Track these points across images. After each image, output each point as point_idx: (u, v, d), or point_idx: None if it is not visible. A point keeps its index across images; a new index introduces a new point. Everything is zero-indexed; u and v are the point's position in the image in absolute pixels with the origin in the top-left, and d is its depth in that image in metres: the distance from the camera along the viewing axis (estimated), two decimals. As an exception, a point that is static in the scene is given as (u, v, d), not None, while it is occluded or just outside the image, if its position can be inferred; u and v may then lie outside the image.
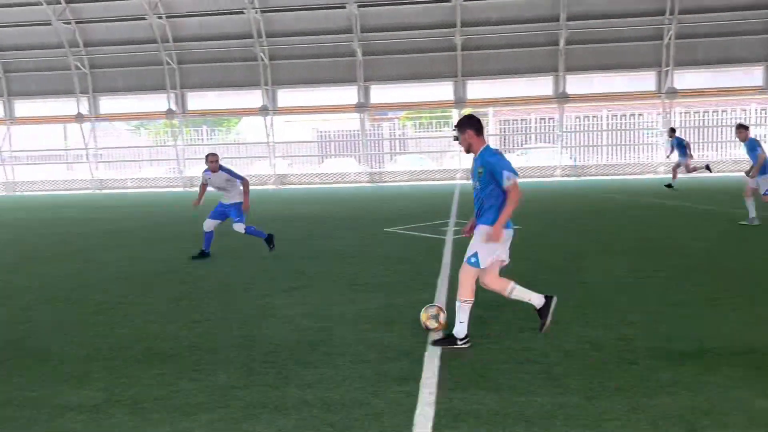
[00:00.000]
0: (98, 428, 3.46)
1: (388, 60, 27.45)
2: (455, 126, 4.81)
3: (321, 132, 36.48)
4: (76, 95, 27.91)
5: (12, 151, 29.21)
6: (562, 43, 26.42)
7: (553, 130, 30.02)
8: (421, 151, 32.77)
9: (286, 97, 28.75)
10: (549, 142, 31.18)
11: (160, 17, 26.32)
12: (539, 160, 30.85)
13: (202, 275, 7.90)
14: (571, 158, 29.22)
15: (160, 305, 6.31)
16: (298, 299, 6.34)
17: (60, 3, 25.98)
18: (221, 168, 8.88)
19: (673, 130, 19.31)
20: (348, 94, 28.31)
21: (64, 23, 26.52)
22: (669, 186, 18.61)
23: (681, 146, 18.42)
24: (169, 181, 29.43)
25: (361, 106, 28.06)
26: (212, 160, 8.82)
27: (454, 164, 29.73)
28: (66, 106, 28.54)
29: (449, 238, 10.18)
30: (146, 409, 3.70)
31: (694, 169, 18.67)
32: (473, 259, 4.59)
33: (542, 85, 27.86)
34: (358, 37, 26.74)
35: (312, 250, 9.69)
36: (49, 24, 26.38)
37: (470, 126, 4.64)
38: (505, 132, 33.74)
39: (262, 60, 27.20)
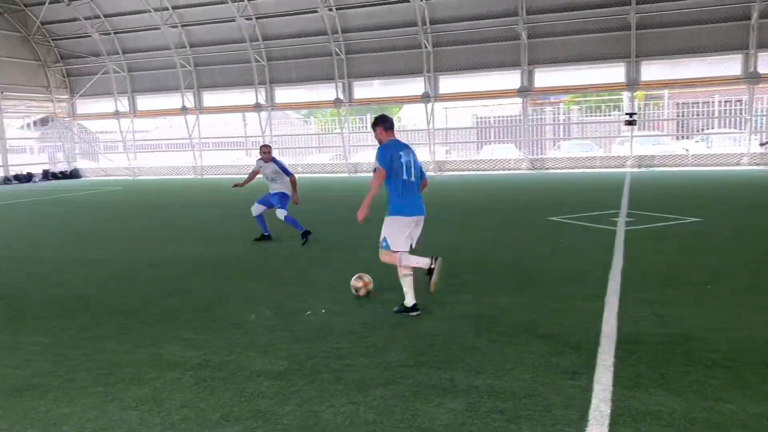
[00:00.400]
0: (283, 394, 3.76)
1: (554, 42, 26.42)
2: (372, 125, 5.52)
3: (480, 118, 36.08)
4: (255, 86, 30.15)
5: (201, 138, 32.33)
6: (754, 16, 23.68)
7: (741, 114, 27.09)
8: (587, 137, 31.21)
9: (448, 83, 28.84)
10: (735, 127, 28.21)
11: (330, 9, 27.56)
12: (724, 146, 28.05)
13: (369, 258, 8.19)
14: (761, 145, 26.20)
15: (333, 282, 6.66)
16: (462, 287, 6.36)
17: (243, 0, 28.15)
18: (273, 159, 9.64)
19: None
20: (510, 79, 27.71)
21: (246, 19, 28.69)
22: None
23: None
24: (334, 167, 30.89)
25: (525, 91, 27.33)
26: (265, 151, 9.70)
27: (624, 151, 27.95)
28: (245, 96, 30.96)
29: (620, 230, 9.62)
30: (324, 380, 3.94)
31: None
32: (384, 243, 5.34)
33: (728, 65, 25.21)
34: (524, 20, 26.02)
35: (473, 238, 9.67)
36: (233, 21, 28.71)
37: (379, 124, 5.46)
38: (683, 116, 31.07)
39: (426, 47, 27.47)
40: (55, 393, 3.90)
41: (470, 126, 35.67)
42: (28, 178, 26.26)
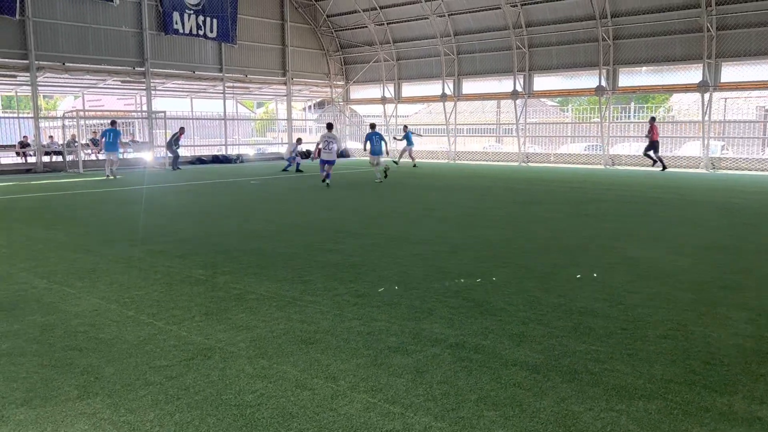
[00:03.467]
0: (538, 387, 3.75)
1: None
2: None
3: (768, 111, 31.44)
4: (514, 73, 30.02)
5: (456, 125, 33.31)
6: None
7: None
8: None
9: (731, 71, 25.60)
10: None
11: (598, -7, 26.18)
12: None
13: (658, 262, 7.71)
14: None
15: (588, 281, 6.41)
16: (740, 301, 5.67)
17: (508, -12, 28.14)
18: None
19: (405, 127, 27.49)
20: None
21: (511, 6, 28.63)
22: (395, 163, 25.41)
23: (409, 137, 27.11)
24: (589, 158, 29.48)
25: (833, 81, 23.05)
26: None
27: None
28: (503, 84, 31.01)
29: None
30: (582, 380, 3.85)
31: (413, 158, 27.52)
32: None
33: None
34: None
35: (758, 244, 8.49)
36: (498, 8, 28.84)
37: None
38: None
39: (708, 30, 24.61)
40: (334, 350, 4.41)
41: (755, 119, 31.33)
42: (307, 155, 29.77)
